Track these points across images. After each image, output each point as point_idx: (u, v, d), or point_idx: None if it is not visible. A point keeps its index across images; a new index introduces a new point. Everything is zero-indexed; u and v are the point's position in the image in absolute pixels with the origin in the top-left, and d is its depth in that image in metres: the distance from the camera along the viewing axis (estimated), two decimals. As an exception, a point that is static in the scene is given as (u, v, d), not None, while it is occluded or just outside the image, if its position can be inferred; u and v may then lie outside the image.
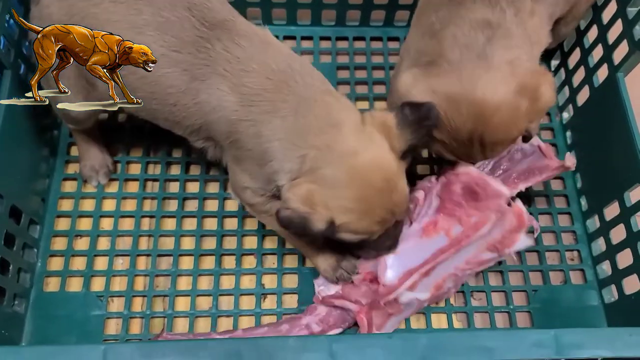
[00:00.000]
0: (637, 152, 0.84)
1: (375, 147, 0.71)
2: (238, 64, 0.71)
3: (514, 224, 0.80)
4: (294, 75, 0.72)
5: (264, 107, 0.71)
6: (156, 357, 0.58)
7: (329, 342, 0.60)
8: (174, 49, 0.71)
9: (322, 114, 0.70)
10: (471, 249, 0.82)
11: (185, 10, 0.71)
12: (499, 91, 0.71)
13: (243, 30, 0.73)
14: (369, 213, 0.70)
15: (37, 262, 0.91)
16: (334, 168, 0.69)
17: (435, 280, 0.82)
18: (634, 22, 0.85)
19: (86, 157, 0.96)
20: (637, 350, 0.61)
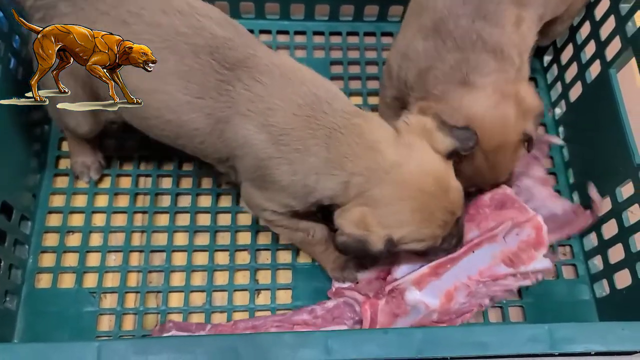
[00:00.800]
0: (629, 148, 0.84)
1: (417, 153, 0.71)
2: (261, 103, 0.71)
3: (532, 237, 0.81)
4: (321, 105, 0.72)
5: (294, 145, 0.71)
6: (151, 353, 0.58)
7: (325, 337, 0.60)
8: (198, 96, 0.71)
9: (354, 140, 0.71)
10: (485, 258, 0.81)
11: (207, 55, 0.71)
12: (481, 103, 0.76)
13: (263, 65, 0.72)
14: (429, 219, 0.72)
15: (29, 259, 0.90)
16: (381, 187, 0.70)
17: (445, 286, 0.81)
18: (627, 18, 0.86)
19: (77, 154, 0.95)
20: (630, 344, 0.62)
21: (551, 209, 0.90)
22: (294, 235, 0.83)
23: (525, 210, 0.83)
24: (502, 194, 0.85)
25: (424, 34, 0.79)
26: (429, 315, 0.82)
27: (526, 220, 0.82)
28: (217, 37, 0.72)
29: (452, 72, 0.77)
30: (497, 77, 0.77)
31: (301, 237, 0.83)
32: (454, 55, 0.77)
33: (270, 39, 1.12)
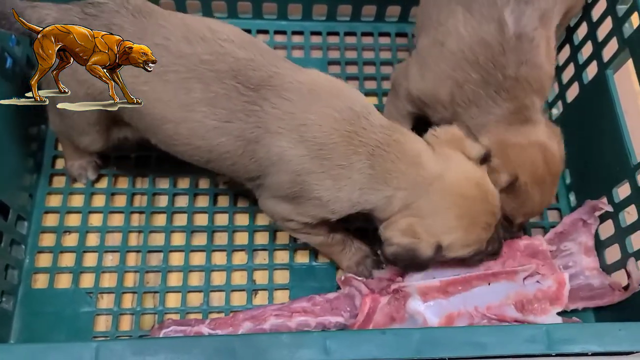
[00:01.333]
0: (625, 148, 0.85)
1: (454, 162, 0.74)
2: (292, 119, 0.71)
3: (552, 290, 0.80)
4: (360, 121, 0.72)
5: (337, 161, 0.71)
6: (148, 354, 0.58)
7: (323, 338, 0.60)
8: (225, 120, 0.71)
9: (398, 157, 0.72)
10: (498, 294, 0.80)
11: (231, 79, 0.71)
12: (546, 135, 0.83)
13: (288, 82, 0.72)
14: (474, 223, 0.74)
15: (25, 259, 0.89)
16: (427, 198, 0.72)
17: (449, 308, 0.80)
18: (623, 19, 0.86)
19: (73, 157, 0.94)
20: (626, 345, 0.63)
21: (588, 279, 0.88)
22: (314, 239, 0.84)
23: (553, 267, 0.83)
24: (537, 246, 0.85)
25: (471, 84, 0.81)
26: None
27: (552, 273, 0.82)
28: (239, 60, 0.72)
29: (513, 116, 0.81)
30: (543, 112, 0.84)
31: (321, 240, 0.84)
32: (511, 103, 0.81)
33: (267, 39, 1.12)
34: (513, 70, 0.79)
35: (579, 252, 0.89)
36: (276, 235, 0.94)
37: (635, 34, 0.83)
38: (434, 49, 0.84)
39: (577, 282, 0.87)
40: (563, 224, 0.91)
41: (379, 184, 0.72)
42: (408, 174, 0.72)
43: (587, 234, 0.90)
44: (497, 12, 0.79)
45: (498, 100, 0.81)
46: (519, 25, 0.79)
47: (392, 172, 0.72)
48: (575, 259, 0.88)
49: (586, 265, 0.88)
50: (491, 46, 0.79)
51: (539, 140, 0.81)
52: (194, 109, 0.71)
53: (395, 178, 0.72)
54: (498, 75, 0.80)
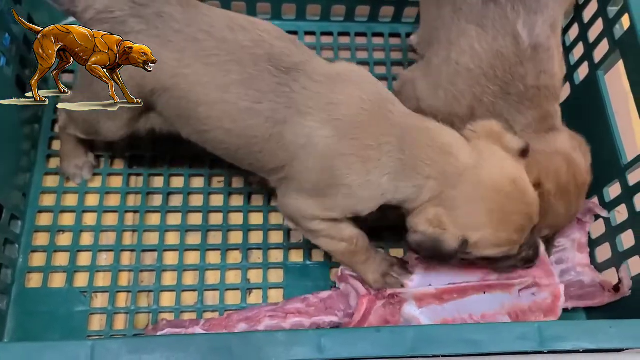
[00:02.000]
0: (616, 149, 0.86)
1: (490, 155, 0.71)
2: (321, 99, 0.71)
3: (547, 302, 0.81)
4: (387, 105, 0.72)
5: (366, 141, 0.70)
6: (144, 352, 0.58)
7: (318, 336, 0.60)
8: (257, 101, 0.72)
9: (428, 143, 0.70)
10: (493, 304, 0.80)
11: (265, 62, 0.72)
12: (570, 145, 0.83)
13: (319, 67, 0.74)
14: (505, 222, 0.70)
15: (19, 258, 0.89)
16: (457, 188, 0.69)
17: (444, 314, 0.80)
18: (614, 21, 0.87)
19: (71, 157, 0.94)
20: (617, 342, 0.63)
21: (580, 275, 0.89)
22: (337, 246, 0.80)
23: (552, 275, 0.82)
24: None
25: (491, 96, 0.82)
26: None
27: (547, 285, 0.81)
28: (275, 47, 0.73)
29: (539, 124, 0.81)
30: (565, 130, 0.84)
31: (344, 247, 0.80)
32: (536, 111, 0.81)
33: (261, 39, 1.12)
34: (533, 80, 0.80)
35: (572, 249, 0.90)
36: (270, 235, 0.95)
37: (626, 36, 0.84)
38: (447, 67, 0.84)
39: (569, 278, 0.88)
40: None
41: (409, 170, 0.70)
42: (439, 162, 0.70)
43: (581, 231, 0.91)
44: (510, 26, 0.80)
45: (522, 109, 0.81)
46: (533, 35, 0.80)
47: (423, 159, 0.70)
48: (568, 255, 0.89)
49: (578, 261, 0.89)
50: (508, 59, 0.80)
51: (564, 148, 0.81)
52: (229, 91, 0.71)
53: (426, 166, 0.70)
54: (519, 85, 0.80)
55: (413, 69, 0.93)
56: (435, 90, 0.86)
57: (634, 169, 0.83)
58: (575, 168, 0.81)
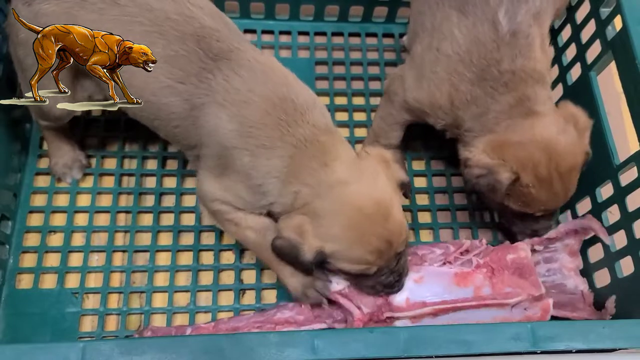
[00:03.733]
0: (608, 149, 0.86)
1: (367, 177, 0.73)
2: (238, 95, 0.72)
3: (537, 316, 0.81)
4: (295, 114, 0.73)
5: (262, 140, 0.72)
6: (136, 354, 0.58)
7: (311, 337, 0.60)
8: (180, 81, 0.73)
9: (316, 155, 0.72)
10: (485, 318, 0.80)
11: (194, 43, 0.72)
12: (552, 128, 0.80)
13: (246, 59, 0.74)
14: (361, 241, 0.71)
15: (9, 259, 0.88)
16: (324, 199, 0.71)
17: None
18: (607, 22, 0.87)
19: (58, 155, 0.93)
20: (609, 342, 0.64)
21: (565, 278, 0.89)
22: (244, 234, 0.80)
23: (539, 286, 0.82)
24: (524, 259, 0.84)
25: (468, 83, 0.81)
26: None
27: (538, 300, 0.82)
28: (205, 27, 0.73)
29: (513, 109, 0.80)
30: (550, 103, 0.83)
31: (252, 238, 0.80)
32: (510, 95, 0.80)
33: (255, 39, 1.12)
34: (508, 64, 0.79)
35: (563, 251, 0.90)
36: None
37: (618, 37, 0.85)
38: (429, 54, 0.84)
39: (553, 277, 0.89)
40: (557, 232, 0.91)
41: (293, 177, 0.72)
42: (317, 173, 0.72)
43: (576, 239, 0.91)
44: (491, 12, 0.80)
45: (496, 96, 0.80)
46: (514, 22, 0.80)
47: (306, 168, 0.72)
48: (557, 256, 0.90)
49: (566, 263, 0.89)
50: (485, 44, 0.80)
51: (543, 135, 0.79)
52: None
53: (306, 173, 0.72)
54: (493, 70, 0.80)
55: (402, 66, 0.93)
56: (419, 81, 0.86)
57: (626, 170, 0.83)
58: (558, 155, 0.79)
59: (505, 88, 0.80)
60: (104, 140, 0.99)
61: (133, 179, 0.97)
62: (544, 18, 0.83)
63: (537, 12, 0.82)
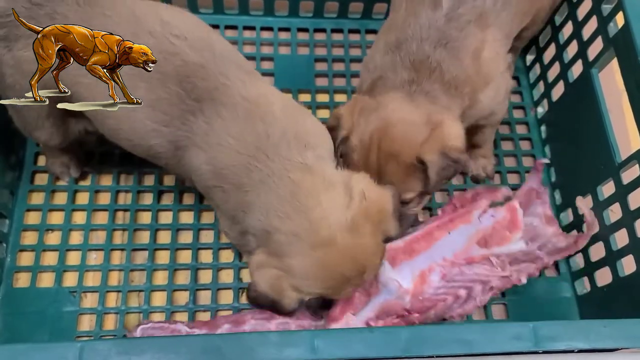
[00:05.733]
0: (610, 147, 0.85)
1: (355, 236, 0.69)
2: (215, 137, 0.71)
3: (507, 219, 0.82)
4: (267, 148, 0.70)
5: (231, 180, 0.72)
6: (134, 354, 0.57)
7: (311, 337, 0.59)
8: (164, 124, 0.72)
9: (285, 195, 0.69)
10: (460, 239, 0.83)
11: (176, 85, 0.70)
12: (404, 114, 0.78)
13: (231, 96, 0.71)
14: (337, 292, 0.73)
15: (7, 257, 0.88)
16: (303, 260, 0.69)
17: (419, 266, 0.82)
18: (609, 19, 0.87)
19: (54, 154, 0.92)
20: (611, 342, 0.63)
21: (556, 244, 0.91)
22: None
23: (497, 190, 0.86)
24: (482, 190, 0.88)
25: (385, 50, 0.82)
26: (401, 297, 0.81)
27: (502, 203, 0.85)
28: (189, 64, 0.70)
29: (400, 85, 0.79)
30: (440, 109, 0.79)
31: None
32: (408, 72, 0.79)
33: (254, 35, 1.11)
34: (428, 47, 0.78)
35: (541, 224, 0.92)
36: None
37: (620, 34, 0.84)
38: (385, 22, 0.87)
39: (546, 250, 0.90)
40: (518, 197, 0.92)
41: (261, 215, 0.70)
42: (293, 222, 0.68)
43: (543, 204, 0.93)
44: None
45: (398, 67, 0.79)
46: (454, 10, 0.79)
47: (277, 210, 0.69)
48: (539, 232, 0.91)
49: (551, 234, 0.91)
50: (419, 17, 0.79)
51: (392, 115, 0.78)
52: (136, 109, 0.69)
53: (278, 218, 0.69)
54: (412, 44, 0.79)
55: None
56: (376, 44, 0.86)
57: (628, 168, 0.83)
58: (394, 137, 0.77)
59: (411, 64, 0.79)
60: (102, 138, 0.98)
61: (131, 177, 0.96)
62: (489, 22, 0.81)
63: (481, 13, 0.80)
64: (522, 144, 1.06)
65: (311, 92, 1.07)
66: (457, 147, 0.78)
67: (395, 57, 0.80)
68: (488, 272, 0.84)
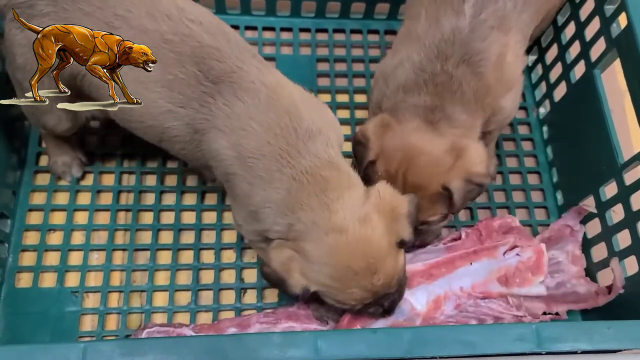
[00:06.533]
0: (612, 147, 0.85)
1: (366, 228, 0.69)
2: (238, 121, 0.70)
3: (532, 260, 0.82)
4: (297, 144, 0.70)
5: (259, 172, 0.70)
6: (137, 355, 0.57)
7: (314, 338, 0.60)
8: (180, 105, 0.71)
9: (315, 191, 0.69)
10: (481, 272, 0.81)
11: (193, 65, 0.70)
12: (430, 144, 0.78)
13: (250, 82, 0.71)
14: (345, 291, 0.70)
15: (9, 257, 0.88)
16: (316, 244, 0.69)
17: (435, 291, 0.80)
18: (611, 20, 0.87)
19: (57, 153, 0.92)
20: (615, 343, 0.63)
21: (575, 287, 0.88)
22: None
23: (530, 238, 0.83)
24: (510, 223, 0.86)
25: (409, 69, 0.81)
26: (412, 319, 0.81)
27: (529, 244, 0.82)
28: (205, 47, 0.70)
29: (422, 112, 0.79)
30: (463, 131, 0.79)
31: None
32: (432, 99, 0.79)
33: (255, 36, 1.11)
34: (452, 67, 0.77)
35: (566, 261, 0.89)
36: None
37: (623, 34, 0.84)
38: (403, 29, 0.86)
39: (564, 289, 0.87)
40: (550, 230, 0.92)
41: (288, 209, 0.70)
42: (314, 212, 0.69)
43: (574, 243, 0.90)
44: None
45: (422, 90, 0.79)
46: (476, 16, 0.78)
47: (303, 204, 0.69)
48: (562, 268, 0.88)
49: (573, 273, 0.88)
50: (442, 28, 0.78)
51: (418, 144, 0.78)
52: (150, 88, 0.69)
53: (302, 210, 0.69)
54: (437, 65, 0.78)
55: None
56: (393, 54, 0.85)
57: (631, 169, 0.83)
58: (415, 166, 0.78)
59: (434, 90, 0.78)
60: (104, 137, 0.99)
61: (133, 176, 0.96)
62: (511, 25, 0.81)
63: (503, 16, 0.79)
64: (524, 145, 1.06)
65: (313, 93, 1.06)
66: (481, 172, 0.78)
67: (419, 80, 0.79)
68: (502, 310, 0.83)
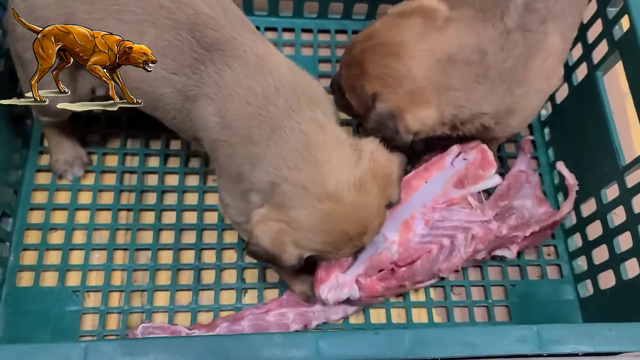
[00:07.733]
0: (614, 150, 0.85)
1: (362, 195, 0.68)
2: (225, 88, 0.70)
3: (479, 159, 0.86)
4: (277, 99, 0.69)
5: (239, 131, 0.70)
6: (139, 354, 0.57)
7: (315, 338, 0.60)
8: (173, 72, 0.71)
9: (297, 146, 0.67)
10: (437, 185, 0.85)
11: (187, 32, 0.70)
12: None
13: (241, 50, 0.71)
14: (336, 250, 0.71)
15: (10, 256, 0.88)
16: (309, 212, 0.67)
17: (401, 217, 0.83)
18: (614, 22, 0.87)
19: (58, 152, 0.92)
20: (616, 345, 0.63)
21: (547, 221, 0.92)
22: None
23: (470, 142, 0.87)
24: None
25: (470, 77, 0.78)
26: (388, 248, 0.81)
27: (471, 147, 0.87)
28: (200, 14, 0.70)
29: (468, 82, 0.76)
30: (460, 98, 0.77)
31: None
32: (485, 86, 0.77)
33: (258, 36, 1.11)
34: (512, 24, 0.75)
35: (533, 205, 0.94)
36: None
37: (625, 37, 0.84)
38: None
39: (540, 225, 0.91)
40: (507, 179, 0.95)
41: (270, 166, 0.68)
42: (304, 174, 0.67)
43: (533, 187, 0.95)
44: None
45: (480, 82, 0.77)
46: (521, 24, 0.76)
47: (286, 159, 0.67)
48: (531, 212, 0.93)
49: (543, 212, 0.93)
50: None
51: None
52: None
53: (286, 166, 0.67)
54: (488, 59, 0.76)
55: None
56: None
57: (632, 171, 0.83)
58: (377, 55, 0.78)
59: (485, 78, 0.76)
60: (105, 137, 0.99)
61: (135, 176, 0.96)
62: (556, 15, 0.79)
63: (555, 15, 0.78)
64: (525, 146, 1.06)
65: (315, 93, 1.07)
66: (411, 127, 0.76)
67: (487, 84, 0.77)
68: (469, 218, 0.85)
